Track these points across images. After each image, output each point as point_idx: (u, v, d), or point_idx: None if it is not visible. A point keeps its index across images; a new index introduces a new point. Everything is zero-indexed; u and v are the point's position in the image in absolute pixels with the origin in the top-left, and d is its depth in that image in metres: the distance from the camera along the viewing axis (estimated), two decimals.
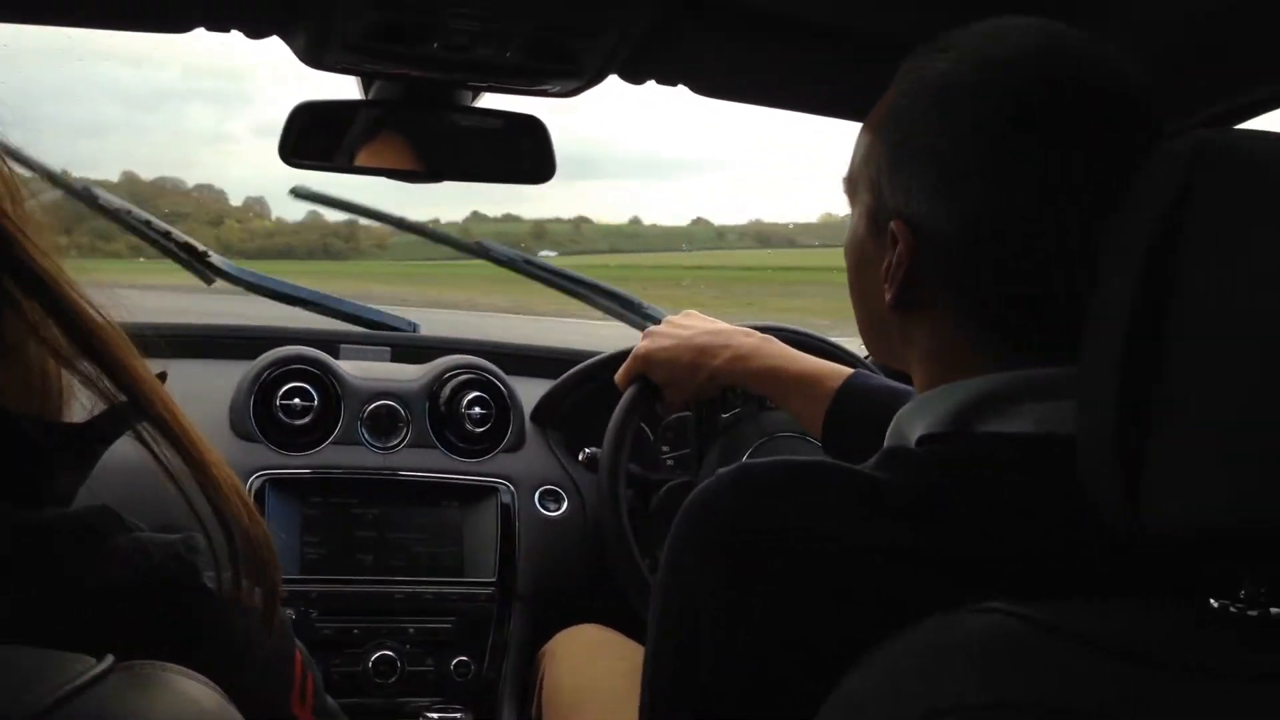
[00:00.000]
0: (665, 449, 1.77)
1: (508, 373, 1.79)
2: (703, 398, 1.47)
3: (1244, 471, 0.56)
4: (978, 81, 0.74)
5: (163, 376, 0.76)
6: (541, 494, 1.70)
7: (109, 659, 0.50)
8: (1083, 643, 0.57)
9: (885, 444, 0.83)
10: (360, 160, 1.50)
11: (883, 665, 0.64)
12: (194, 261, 1.87)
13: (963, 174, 0.74)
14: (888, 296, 0.81)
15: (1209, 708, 0.54)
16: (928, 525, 0.70)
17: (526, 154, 1.50)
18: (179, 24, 1.25)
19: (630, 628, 1.54)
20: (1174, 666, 0.56)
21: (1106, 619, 0.60)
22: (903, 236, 0.78)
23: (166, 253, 1.87)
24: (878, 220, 0.81)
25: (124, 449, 0.66)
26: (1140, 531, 0.60)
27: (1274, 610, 0.60)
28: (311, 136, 1.48)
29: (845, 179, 0.88)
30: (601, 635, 1.57)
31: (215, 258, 1.90)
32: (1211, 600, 0.61)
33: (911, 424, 0.80)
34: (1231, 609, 0.61)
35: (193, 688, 0.52)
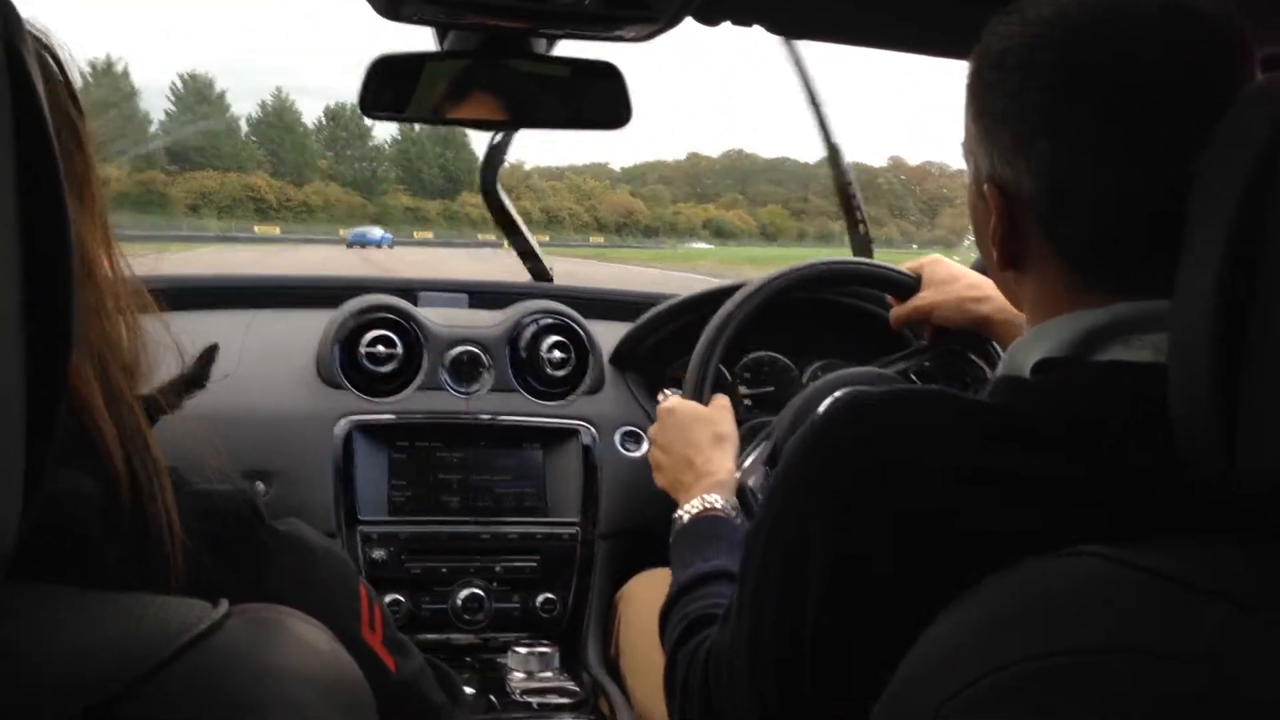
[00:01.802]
0: (743, 389, 1.79)
1: (586, 317, 1.81)
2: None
3: None
4: (1029, 42, 0.76)
5: (213, 350, 0.79)
6: (622, 435, 1.73)
7: (224, 604, 0.52)
8: (1183, 585, 0.57)
9: (998, 373, 0.84)
10: (438, 111, 1.51)
11: (980, 608, 0.64)
12: None
13: (1031, 134, 0.76)
14: (995, 257, 0.84)
15: None
16: (1044, 451, 0.71)
17: (603, 100, 1.50)
18: None
19: None
20: (1274, 608, 0.56)
21: (1207, 562, 0.60)
22: (993, 200, 0.81)
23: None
24: (979, 186, 0.83)
25: None
26: (1235, 480, 0.60)
27: None
28: (389, 89, 1.49)
29: (962, 144, 0.89)
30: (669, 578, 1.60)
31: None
32: None
33: (1028, 352, 0.80)
34: None
35: (306, 629, 0.55)
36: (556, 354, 1.75)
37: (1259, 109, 0.62)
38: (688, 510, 1.26)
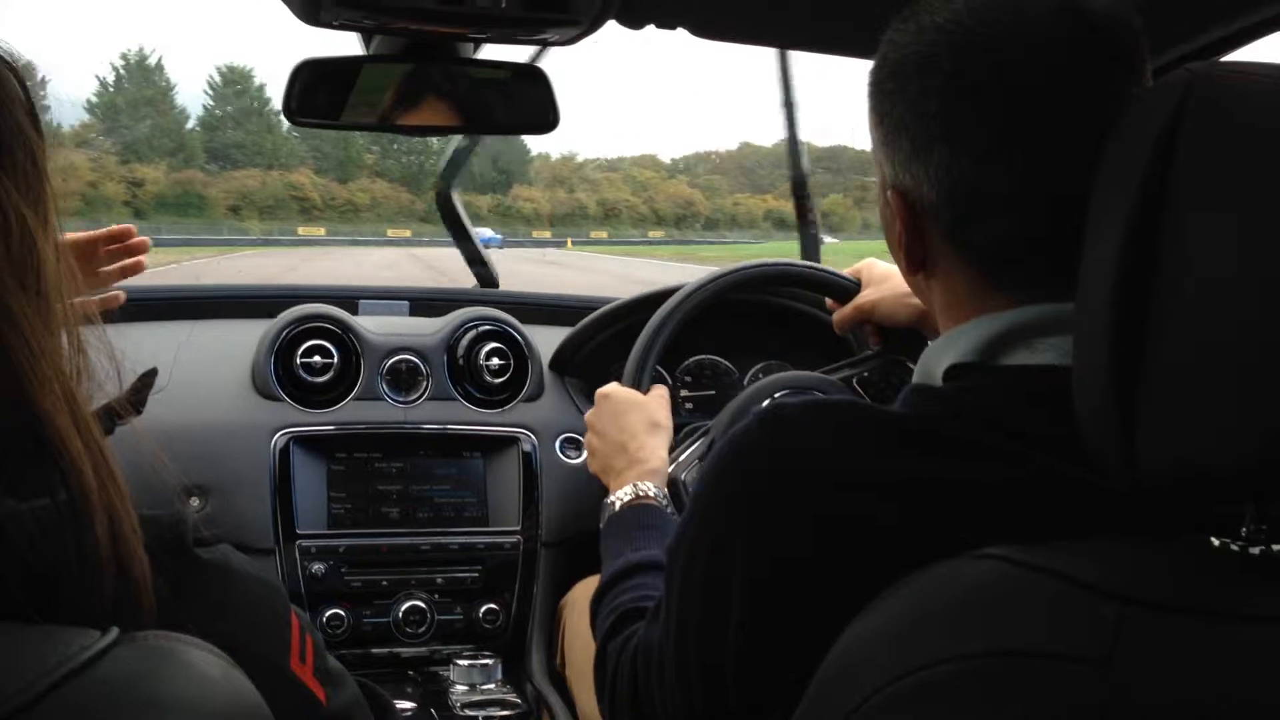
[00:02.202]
0: (684, 392, 1.79)
1: (524, 322, 1.80)
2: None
3: (1238, 412, 0.56)
4: (924, 49, 0.76)
5: (151, 374, 0.77)
6: (563, 441, 1.72)
7: (114, 631, 0.50)
8: (1081, 586, 0.57)
9: (916, 378, 0.84)
10: (364, 117, 1.49)
11: (885, 613, 0.65)
12: None
13: (929, 141, 0.76)
14: (902, 262, 0.84)
15: (1209, 648, 0.55)
16: (951, 458, 0.71)
17: (531, 104, 1.48)
18: None
19: None
20: (1175, 608, 0.56)
21: (1107, 561, 0.60)
22: (896, 206, 0.81)
23: None
24: (884, 192, 0.84)
25: None
26: (1137, 478, 0.61)
27: (1276, 548, 0.60)
28: (314, 94, 1.47)
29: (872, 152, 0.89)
30: None
31: None
32: (1213, 539, 0.61)
33: (938, 359, 0.81)
34: (1233, 547, 0.61)
35: (199, 656, 0.52)
36: (495, 361, 1.73)
37: (1154, 103, 0.62)
38: (619, 497, 1.26)
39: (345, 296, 1.95)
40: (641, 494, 1.25)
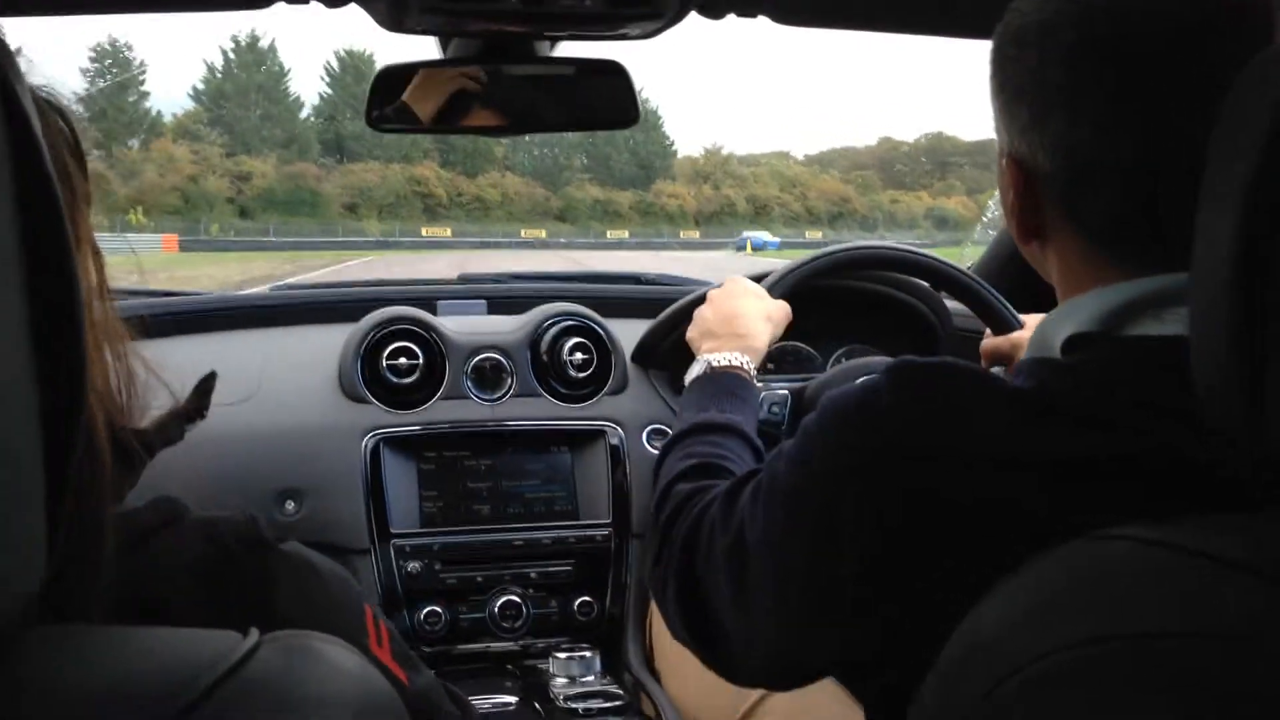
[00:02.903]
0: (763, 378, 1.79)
1: (605, 317, 1.81)
2: None
3: None
4: (1047, 17, 0.76)
5: (210, 379, 0.80)
6: (649, 433, 1.73)
7: (254, 633, 0.52)
8: (1224, 564, 0.56)
9: (1030, 353, 0.83)
10: (446, 120, 1.50)
11: (1017, 594, 0.64)
12: None
13: (1048, 109, 0.76)
14: (1014, 230, 0.84)
15: None
16: (1078, 431, 0.70)
17: (610, 100, 1.49)
18: (261, 1, 1.26)
19: None
20: None
21: (1247, 538, 0.59)
22: (1012, 174, 0.81)
23: None
24: (1001, 161, 0.84)
25: None
26: (1263, 452, 0.60)
27: None
28: (395, 102, 1.49)
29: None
30: None
31: None
32: None
33: (1057, 329, 0.80)
34: None
35: (337, 652, 0.55)
36: (578, 356, 1.75)
37: (1276, 68, 0.61)
38: (713, 359, 1.23)
39: (423, 298, 1.97)
40: (737, 364, 1.23)
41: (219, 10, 1.27)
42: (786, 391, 1.40)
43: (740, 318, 1.29)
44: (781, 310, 1.34)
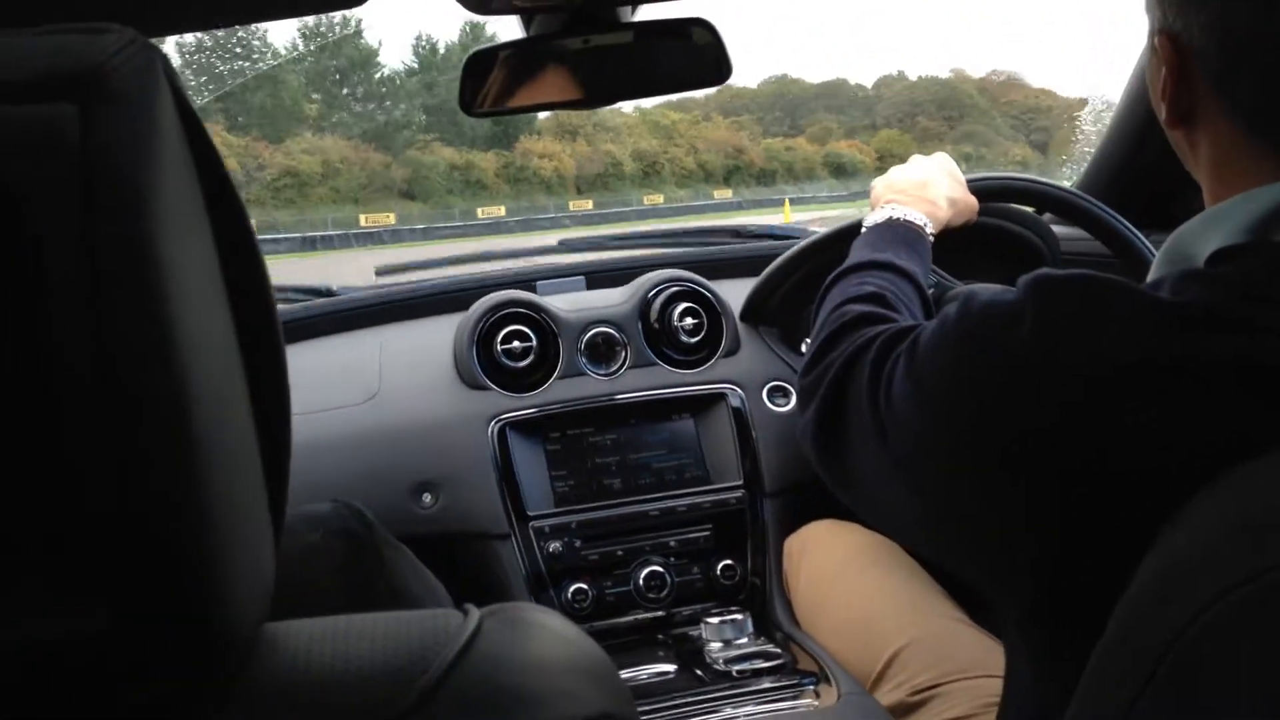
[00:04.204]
0: None
1: (708, 279, 1.79)
2: None
3: None
4: None
5: None
6: (770, 390, 1.71)
7: (472, 609, 0.54)
8: None
9: (1163, 268, 0.79)
10: (540, 97, 1.49)
11: (1207, 519, 0.61)
12: None
13: None
14: (1162, 113, 0.80)
15: None
16: (1242, 336, 0.66)
17: (701, 56, 1.46)
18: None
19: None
20: None
21: None
22: (1164, 51, 0.77)
23: None
24: (1152, 40, 0.80)
25: None
26: None
27: None
28: (488, 84, 1.48)
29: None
30: (833, 528, 1.59)
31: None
32: None
33: (1201, 240, 0.76)
34: None
35: (553, 620, 0.57)
36: (688, 321, 1.74)
37: None
38: (895, 211, 1.23)
39: (522, 280, 1.97)
40: (919, 223, 1.22)
41: (319, 12, 1.27)
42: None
43: (931, 186, 1.29)
44: (968, 203, 1.34)
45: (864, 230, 1.23)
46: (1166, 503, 0.63)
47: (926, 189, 1.28)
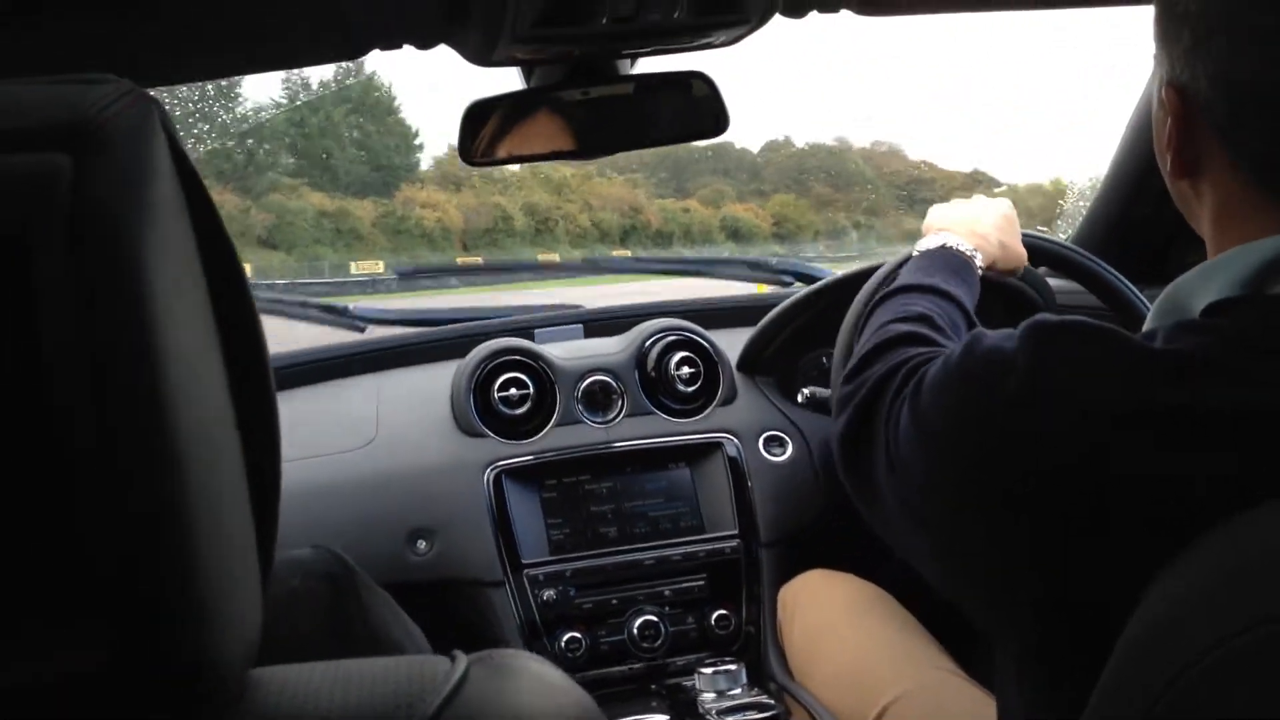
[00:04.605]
0: (806, 390, 1.76)
1: (705, 328, 1.80)
2: None
3: None
4: None
5: None
6: (765, 440, 1.72)
7: (461, 657, 0.54)
8: None
9: (1158, 319, 0.80)
10: (538, 147, 1.51)
11: (1206, 566, 0.61)
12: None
13: (1208, 33, 0.73)
14: (1166, 164, 0.81)
15: None
16: (1237, 386, 0.67)
17: (698, 108, 1.48)
18: (357, 49, 1.28)
19: (860, 569, 1.56)
20: None
21: None
22: (1170, 102, 0.78)
23: None
24: (1160, 91, 0.81)
25: None
26: None
27: None
28: (487, 134, 1.50)
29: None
30: (827, 578, 1.59)
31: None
32: None
33: (1199, 291, 0.77)
34: None
35: (542, 668, 0.57)
36: (685, 370, 1.74)
37: None
38: (946, 240, 1.23)
39: (520, 328, 1.98)
40: (968, 251, 1.22)
41: (317, 64, 1.29)
42: None
43: (984, 224, 1.29)
44: (1018, 252, 1.34)
45: (915, 254, 1.23)
46: (1166, 548, 0.63)
47: (978, 225, 1.29)
